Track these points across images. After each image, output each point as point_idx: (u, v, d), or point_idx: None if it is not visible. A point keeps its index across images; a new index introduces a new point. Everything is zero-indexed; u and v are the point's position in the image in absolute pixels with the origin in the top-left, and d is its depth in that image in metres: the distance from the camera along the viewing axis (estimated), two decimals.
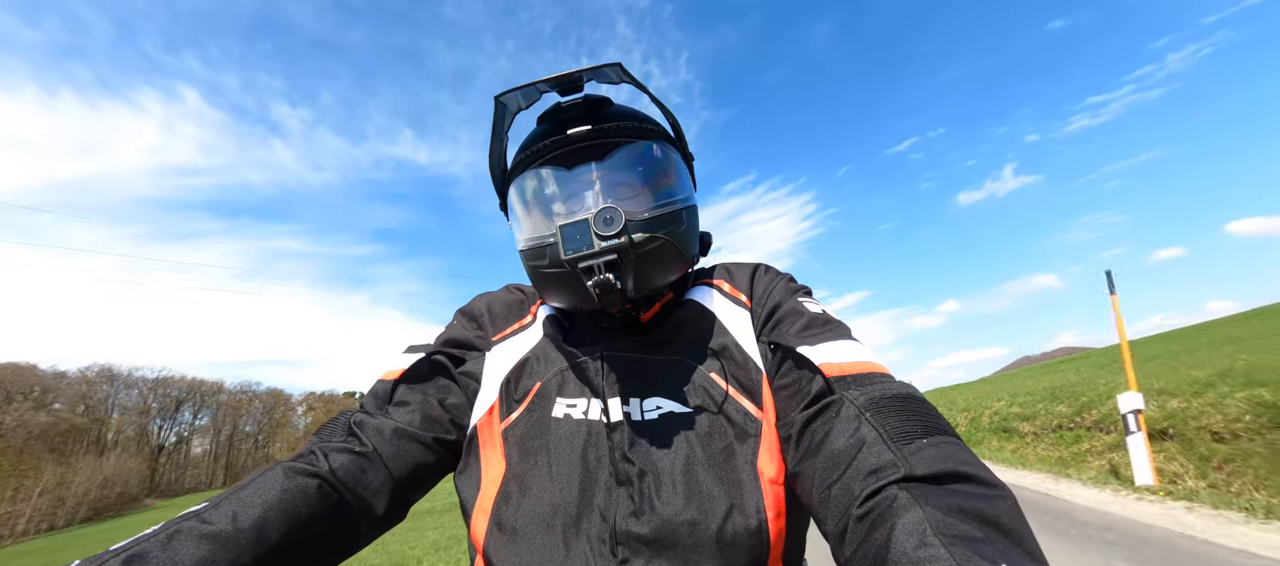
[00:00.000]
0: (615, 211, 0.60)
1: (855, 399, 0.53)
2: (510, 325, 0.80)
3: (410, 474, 0.66)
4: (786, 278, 0.76)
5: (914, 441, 0.47)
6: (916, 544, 0.38)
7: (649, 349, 0.70)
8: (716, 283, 0.77)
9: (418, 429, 0.67)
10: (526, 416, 0.67)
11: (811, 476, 0.52)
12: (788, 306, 0.69)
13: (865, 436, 0.49)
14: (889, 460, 0.46)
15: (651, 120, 0.75)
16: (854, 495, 0.46)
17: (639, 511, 0.57)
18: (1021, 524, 0.40)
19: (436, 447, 0.68)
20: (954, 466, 0.44)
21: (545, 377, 0.70)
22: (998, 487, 0.43)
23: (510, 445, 0.66)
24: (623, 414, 0.64)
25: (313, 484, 0.57)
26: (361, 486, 0.61)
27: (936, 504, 0.41)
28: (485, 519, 0.62)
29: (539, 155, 0.70)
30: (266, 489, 0.54)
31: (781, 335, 0.66)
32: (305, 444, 0.65)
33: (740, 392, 0.64)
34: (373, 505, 0.62)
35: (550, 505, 0.59)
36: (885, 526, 0.41)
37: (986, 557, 0.36)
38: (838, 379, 0.56)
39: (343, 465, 0.61)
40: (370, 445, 0.64)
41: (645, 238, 0.64)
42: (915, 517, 0.40)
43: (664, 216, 0.68)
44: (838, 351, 0.59)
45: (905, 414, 0.50)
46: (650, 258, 0.65)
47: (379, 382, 0.73)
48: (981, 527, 0.39)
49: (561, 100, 0.72)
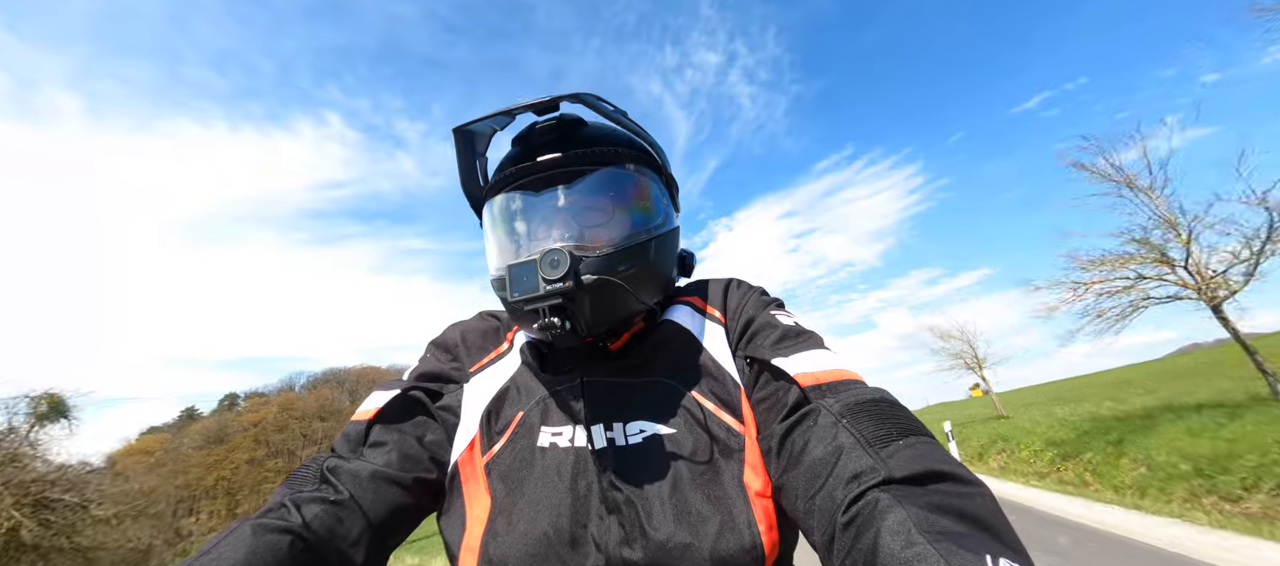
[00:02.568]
0: (561, 254, 0.59)
1: (831, 406, 0.54)
2: (486, 354, 0.78)
3: (390, 519, 0.63)
4: (758, 292, 0.77)
5: (891, 444, 0.48)
6: (903, 543, 0.39)
7: (628, 372, 0.69)
8: (691, 300, 0.78)
9: (396, 470, 0.65)
10: (509, 448, 0.66)
11: (795, 488, 0.53)
12: (761, 320, 0.70)
13: (843, 443, 0.50)
14: (868, 464, 0.47)
15: (628, 143, 0.74)
16: (837, 502, 0.47)
17: (630, 538, 0.57)
18: (1000, 518, 0.42)
19: (416, 489, 0.66)
20: (932, 465, 0.45)
21: (527, 407, 0.69)
22: (975, 484, 0.45)
23: (494, 479, 0.64)
24: (606, 440, 0.63)
25: (284, 540, 0.53)
26: (338, 538, 0.58)
27: (918, 503, 0.42)
28: (473, 558, 0.60)
29: (509, 180, 0.70)
30: (232, 551, 0.50)
31: (757, 349, 0.67)
32: (274, 494, 0.61)
33: (721, 408, 0.65)
34: (351, 556, 0.59)
35: (542, 538, 0.58)
36: (871, 530, 0.42)
37: (971, 551, 0.37)
38: (813, 387, 0.58)
39: (317, 516, 0.57)
40: (346, 492, 0.61)
41: (594, 279, 0.62)
42: (899, 518, 0.41)
43: (627, 250, 0.67)
44: (811, 361, 0.61)
45: (880, 418, 0.52)
46: (603, 297, 0.64)
47: (351, 424, 0.70)
48: (963, 523, 0.41)
49: (536, 121, 0.72)
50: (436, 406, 0.73)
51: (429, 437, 0.70)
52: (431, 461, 0.68)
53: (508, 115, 0.67)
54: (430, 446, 0.69)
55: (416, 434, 0.70)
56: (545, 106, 0.66)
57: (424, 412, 0.72)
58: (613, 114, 0.72)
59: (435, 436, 0.70)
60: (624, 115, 0.73)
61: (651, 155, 0.77)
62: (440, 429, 0.71)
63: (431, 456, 0.69)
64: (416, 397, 0.72)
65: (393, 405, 0.70)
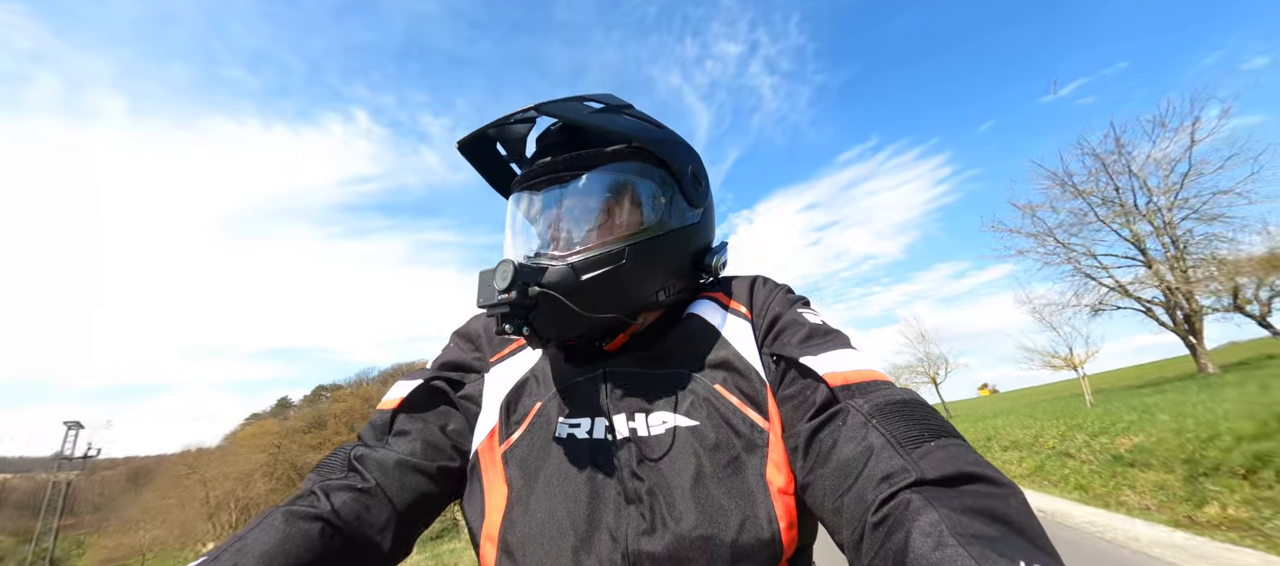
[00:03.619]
0: (509, 265, 0.59)
1: (861, 407, 0.54)
2: (507, 345, 0.78)
3: (415, 506, 0.64)
4: (784, 289, 0.77)
5: (922, 445, 0.48)
6: (934, 545, 0.39)
7: (651, 364, 0.69)
8: (716, 296, 0.78)
9: (420, 458, 0.66)
10: (527, 438, 0.66)
11: (822, 486, 0.53)
12: (788, 317, 0.70)
13: (874, 443, 0.50)
14: (900, 465, 0.47)
15: (628, 143, 0.70)
16: (868, 502, 0.47)
17: (651, 529, 0.57)
18: (1032, 520, 0.42)
19: (440, 477, 0.67)
20: (963, 467, 0.45)
21: (545, 398, 0.69)
22: (1007, 486, 0.44)
23: (511, 468, 0.65)
24: (628, 430, 0.63)
25: (315, 527, 0.55)
26: (366, 524, 0.60)
27: (950, 505, 0.42)
28: (493, 546, 0.61)
29: (520, 181, 0.73)
30: (266, 537, 0.52)
31: (783, 346, 0.66)
32: (304, 482, 0.63)
33: (745, 404, 0.65)
34: (378, 543, 0.60)
35: (557, 527, 0.59)
36: (902, 531, 0.42)
37: (1003, 554, 0.37)
38: (842, 387, 0.57)
39: (345, 503, 0.59)
40: (372, 480, 0.62)
41: (537, 292, 0.61)
42: (931, 520, 0.41)
43: (602, 256, 0.65)
44: (840, 360, 0.60)
45: (910, 419, 0.51)
46: (552, 310, 0.62)
47: (377, 413, 0.71)
48: (995, 526, 0.40)
49: (550, 124, 0.74)
50: (458, 395, 0.73)
51: (452, 426, 0.71)
52: (454, 450, 0.70)
53: (497, 126, 0.69)
54: (453, 435, 0.70)
55: (439, 423, 0.71)
56: (522, 117, 0.68)
57: (447, 402, 0.73)
58: (601, 115, 0.70)
59: (458, 425, 0.71)
60: (619, 112, 0.72)
61: (654, 154, 0.72)
62: (462, 418, 0.72)
63: (454, 445, 0.70)
64: (439, 387, 0.73)
65: (417, 395, 0.72)
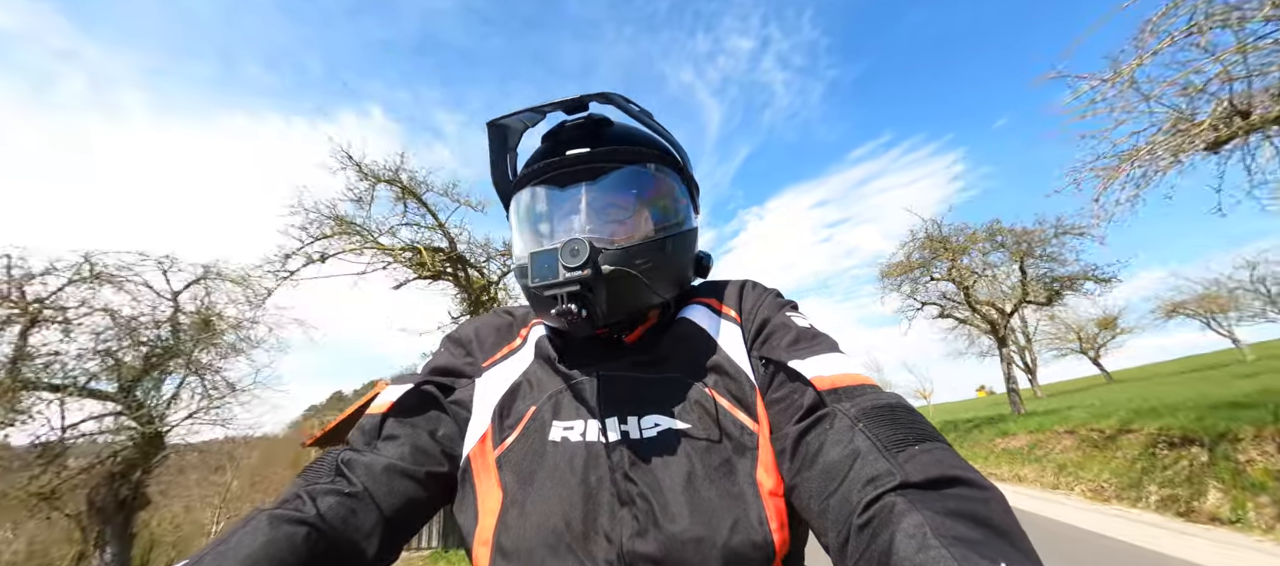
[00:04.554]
0: (582, 243, 0.61)
1: (847, 410, 0.54)
2: (500, 349, 0.79)
3: (402, 511, 0.64)
4: (774, 293, 0.78)
5: (907, 449, 0.49)
6: (918, 547, 0.40)
7: (644, 367, 0.70)
8: (707, 300, 0.78)
9: (409, 463, 0.66)
10: (521, 442, 0.66)
11: (808, 488, 0.53)
12: (776, 321, 0.71)
13: (860, 447, 0.51)
14: (885, 468, 0.48)
15: (652, 144, 0.76)
16: (853, 504, 0.47)
17: (644, 530, 0.57)
18: (1013, 522, 0.43)
19: (428, 482, 0.67)
20: (947, 471, 0.46)
21: (539, 401, 0.69)
22: (989, 489, 0.45)
23: (505, 472, 0.64)
24: (620, 433, 0.64)
25: (300, 531, 0.54)
26: (352, 529, 0.59)
27: (933, 507, 0.43)
28: (487, 550, 0.61)
29: (536, 174, 0.73)
30: (250, 540, 0.52)
31: (772, 349, 0.67)
32: (290, 486, 0.62)
33: (736, 407, 0.65)
34: (364, 548, 0.60)
35: (553, 530, 0.59)
36: (886, 533, 0.43)
37: (986, 556, 0.38)
38: (829, 391, 0.58)
39: (331, 508, 0.58)
40: (359, 484, 0.62)
41: (613, 270, 0.65)
42: (914, 522, 0.42)
43: (645, 245, 0.69)
44: (827, 364, 0.61)
45: (896, 423, 0.52)
46: (620, 288, 0.66)
47: (366, 417, 0.71)
48: (977, 528, 0.41)
49: (565, 119, 0.74)
50: (449, 400, 0.73)
51: (441, 431, 0.71)
52: (443, 455, 0.69)
53: (538, 112, 0.70)
54: (442, 440, 0.70)
55: (429, 428, 0.71)
56: (574, 105, 0.70)
57: (437, 407, 0.73)
58: (639, 114, 0.73)
59: (447, 430, 0.71)
60: (649, 116, 0.75)
61: (674, 156, 0.78)
62: (452, 423, 0.72)
63: (443, 450, 0.70)
64: (429, 392, 0.73)
65: (407, 399, 0.71)
